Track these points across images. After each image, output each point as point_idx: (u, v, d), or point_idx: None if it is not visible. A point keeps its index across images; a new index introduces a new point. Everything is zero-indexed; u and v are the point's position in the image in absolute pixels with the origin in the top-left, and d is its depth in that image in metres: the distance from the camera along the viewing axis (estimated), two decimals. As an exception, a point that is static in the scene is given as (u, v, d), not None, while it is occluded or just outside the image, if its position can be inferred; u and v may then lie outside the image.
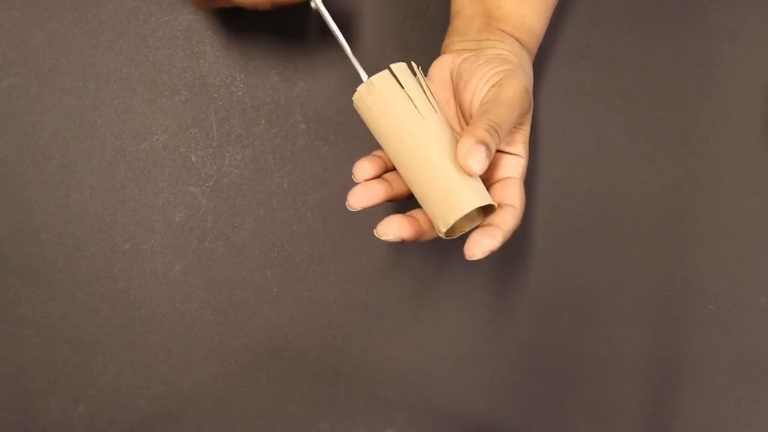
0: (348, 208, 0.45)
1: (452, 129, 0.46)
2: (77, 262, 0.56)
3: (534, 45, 0.52)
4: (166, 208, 0.57)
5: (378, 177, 0.46)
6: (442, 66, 0.48)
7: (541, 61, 0.58)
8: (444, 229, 0.43)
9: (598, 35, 0.59)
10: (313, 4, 0.45)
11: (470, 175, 0.42)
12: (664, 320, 0.58)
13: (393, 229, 0.44)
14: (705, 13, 0.59)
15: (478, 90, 0.45)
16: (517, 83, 0.45)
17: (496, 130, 0.42)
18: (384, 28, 0.58)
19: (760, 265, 0.59)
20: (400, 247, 0.58)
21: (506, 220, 0.44)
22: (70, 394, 0.56)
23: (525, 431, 0.58)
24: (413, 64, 0.47)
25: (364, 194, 0.44)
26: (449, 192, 0.43)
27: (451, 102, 0.48)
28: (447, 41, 0.51)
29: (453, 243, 0.45)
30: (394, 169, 0.47)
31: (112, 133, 0.56)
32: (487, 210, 0.46)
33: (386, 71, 0.45)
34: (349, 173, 0.46)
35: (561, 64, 0.59)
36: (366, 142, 0.53)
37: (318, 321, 0.57)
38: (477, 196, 0.43)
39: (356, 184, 0.45)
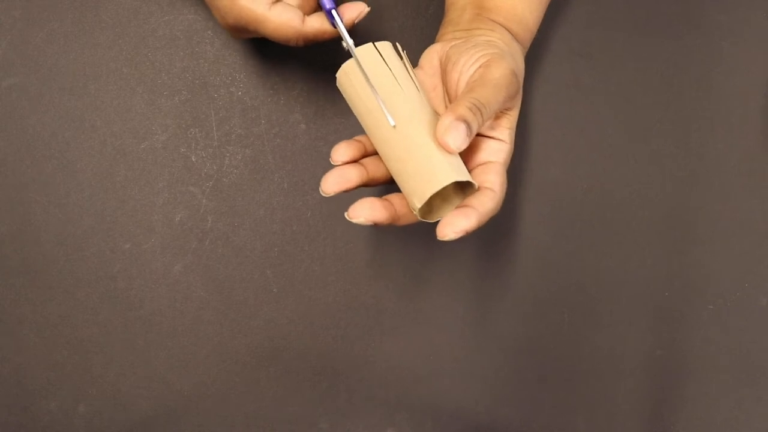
0: (321, 193, 0.44)
1: (434, 109, 0.46)
2: (77, 262, 0.56)
3: (526, 38, 0.52)
4: (166, 208, 0.57)
5: (355, 161, 0.45)
6: (431, 53, 0.49)
7: (540, 60, 0.58)
8: (419, 205, 0.43)
9: (597, 34, 0.59)
10: (344, 44, 0.46)
11: (448, 152, 0.42)
12: (664, 320, 0.58)
13: (365, 211, 0.43)
14: (705, 13, 0.59)
15: (464, 70, 0.45)
16: (505, 65, 0.45)
17: (479, 109, 0.42)
18: (384, 28, 0.58)
19: (760, 265, 0.59)
20: (400, 247, 0.58)
21: (483, 203, 0.43)
22: (70, 394, 0.56)
23: (525, 431, 0.58)
24: (398, 45, 0.47)
25: (337, 178, 0.44)
26: (427, 167, 0.42)
27: (439, 88, 0.48)
28: (440, 32, 0.51)
29: (452, 243, 0.45)
30: (373, 154, 0.47)
31: (112, 133, 0.56)
32: (467, 192, 0.45)
33: (370, 44, 0.45)
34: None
35: (560, 64, 0.59)
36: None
37: (318, 321, 0.57)
38: (455, 172, 0.42)
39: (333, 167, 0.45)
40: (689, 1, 0.59)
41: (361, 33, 0.57)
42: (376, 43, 0.45)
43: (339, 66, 0.45)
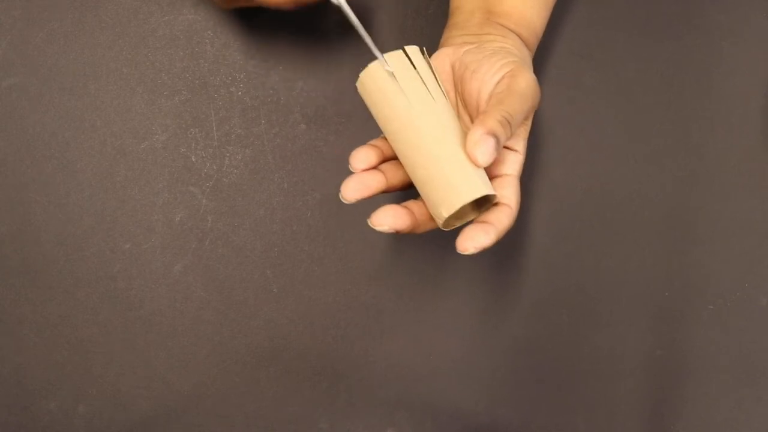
0: (342, 199, 0.43)
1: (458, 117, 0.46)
2: (77, 262, 0.56)
3: (534, 42, 0.52)
4: (166, 208, 0.57)
5: (374, 167, 0.45)
6: (443, 58, 0.48)
7: (541, 61, 0.58)
8: (446, 215, 0.42)
9: (598, 35, 0.59)
10: (335, 0, 0.44)
11: (477, 165, 0.42)
12: (664, 320, 0.58)
13: (388, 219, 0.43)
14: (705, 13, 0.59)
15: (486, 80, 0.45)
16: (529, 75, 0.44)
17: (508, 122, 0.42)
18: (384, 28, 0.58)
19: (760, 265, 0.59)
20: (400, 246, 0.58)
21: (501, 219, 0.44)
22: (70, 394, 0.56)
23: (525, 431, 0.58)
24: (424, 49, 0.46)
25: (357, 185, 0.43)
26: (456, 177, 0.42)
27: (451, 94, 0.48)
28: (446, 35, 0.51)
29: (452, 243, 0.45)
30: (390, 158, 0.47)
31: (112, 133, 0.56)
32: (481, 205, 0.45)
33: (400, 51, 0.45)
34: (350, 173, 0.46)
35: (561, 64, 0.59)
36: (367, 141, 0.52)
37: (318, 321, 0.57)
38: (484, 186, 0.42)
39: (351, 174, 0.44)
40: (689, 1, 0.59)
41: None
42: (405, 48, 0.45)
43: (342, 66, 0.45)
